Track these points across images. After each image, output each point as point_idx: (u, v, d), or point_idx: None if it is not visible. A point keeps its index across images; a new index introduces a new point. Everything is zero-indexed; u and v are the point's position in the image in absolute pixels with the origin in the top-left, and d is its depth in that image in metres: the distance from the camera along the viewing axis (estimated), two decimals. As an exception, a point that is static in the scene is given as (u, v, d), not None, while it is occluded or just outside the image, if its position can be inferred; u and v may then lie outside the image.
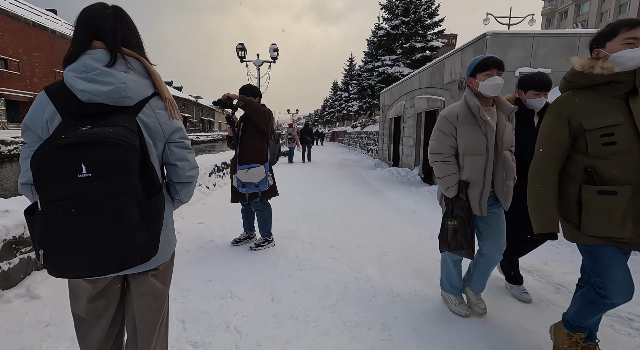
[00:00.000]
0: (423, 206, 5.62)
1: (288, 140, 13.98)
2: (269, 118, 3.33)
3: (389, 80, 19.59)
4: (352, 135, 25.75)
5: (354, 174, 10.52)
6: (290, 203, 5.80)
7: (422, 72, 9.38)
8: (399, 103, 11.83)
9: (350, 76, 42.38)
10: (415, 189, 7.45)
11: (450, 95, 7.44)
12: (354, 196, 6.61)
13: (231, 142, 3.44)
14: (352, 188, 7.63)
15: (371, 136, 18.24)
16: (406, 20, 19.03)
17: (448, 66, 7.58)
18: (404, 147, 11.14)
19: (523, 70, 6.00)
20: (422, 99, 9.29)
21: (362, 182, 8.61)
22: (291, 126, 14.82)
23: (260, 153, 3.36)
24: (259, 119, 3.25)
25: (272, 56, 12.65)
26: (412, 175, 9.68)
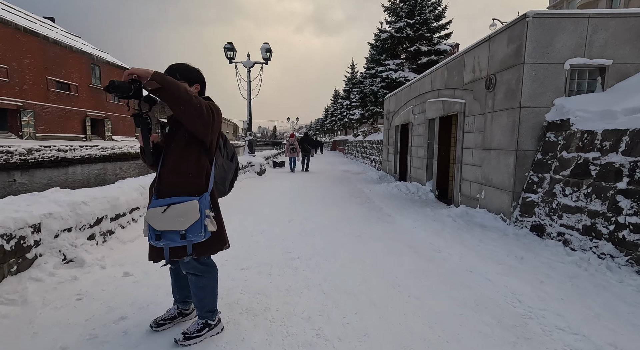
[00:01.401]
0: (448, 241, 4.15)
1: (290, 150, 13.92)
2: (212, 119, 1.91)
3: (392, 86, 18.31)
4: (353, 144, 24.39)
5: (355, 190, 9.08)
6: (269, 237, 4.35)
7: (435, 72, 8.02)
8: (406, 109, 10.47)
9: (351, 84, 41.32)
10: (431, 212, 5.98)
11: (474, 96, 6.04)
12: (355, 224, 5.15)
13: (146, 159, 2.03)
14: (353, 211, 6.17)
15: (374, 146, 16.86)
16: (411, 22, 17.85)
17: (470, 61, 6.21)
18: (413, 158, 9.72)
19: (575, 62, 4.60)
20: (436, 102, 7.91)
21: (366, 202, 7.16)
22: (292, 136, 14.58)
23: (194, 178, 1.94)
24: (192, 118, 1.82)
25: (264, 57, 11.38)
26: (424, 192, 8.23)
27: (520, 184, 4.84)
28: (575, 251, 3.67)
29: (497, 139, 5.26)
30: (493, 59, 5.39)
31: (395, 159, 11.76)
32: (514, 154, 4.83)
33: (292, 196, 7.80)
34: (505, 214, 5.01)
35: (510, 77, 4.91)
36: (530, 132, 4.78)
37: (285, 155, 14.69)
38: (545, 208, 4.34)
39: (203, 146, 1.96)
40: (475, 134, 5.99)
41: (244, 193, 7.98)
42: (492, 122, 5.40)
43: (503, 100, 5.10)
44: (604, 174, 3.61)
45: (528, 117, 4.75)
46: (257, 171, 11.37)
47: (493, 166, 5.35)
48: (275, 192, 8.34)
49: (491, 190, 5.40)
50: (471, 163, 6.16)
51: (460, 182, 6.60)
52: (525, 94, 4.71)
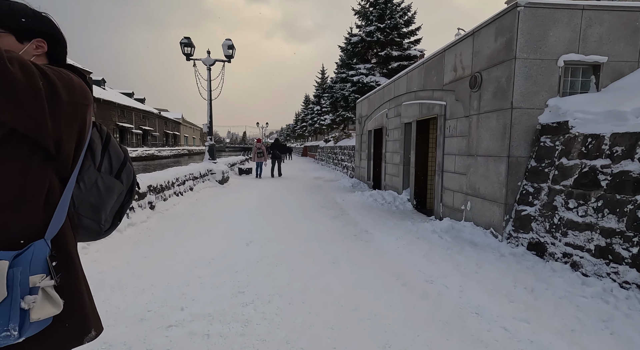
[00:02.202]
0: (441, 267, 3.45)
1: (257, 155, 13.67)
2: (49, 97, 0.94)
3: (364, 90, 17.89)
4: (324, 150, 23.74)
5: (328, 199, 8.29)
6: (218, 268, 3.41)
7: (411, 72, 7.48)
8: (379, 112, 9.91)
9: (322, 89, 40.93)
10: (413, 226, 5.31)
11: (456, 97, 5.49)
12: (329, 244, 4.33)
13: None
14: (327, 226, 5.35)
15: (346, 151, 16.27)
16: (381, 26, 17.60)
17: (451, 59, 5.67)
18: (388, 165, 9.13)
19: (570, 59, 4.13)
20: (412, 105, 7.36)
21: (340, 214, 6.38)
22: (260, 141, 14.29)
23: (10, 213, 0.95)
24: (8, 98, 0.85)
25: (226, 54, 10.38)
26: (401, 202, 7.61)
27: (513, 195, 4.28)
28: (588, 277, 3.08)
29: (485, 144, 4.70)
30: (478, 55, 4.86)
31: (368, 166, 11.16)
32: (505, 161, 4.27)
33: (256, 209, 6.85)
34: (496, 229, 4.42)
35: (500, 74, 4.37)
36: (523, 136, 4.24)
37: (252, 160, 14.27)
38: (544, 223, 3.78)
39: (38, 150, 1.00)
40: (459, 139, 5.43)
41: (199, 206, 6.91)
42: (479, 125, 4.84)
43: (491, 101, 4.55)
44: (619, 184, 3.07)
45: (521, 119, 4.22)
46: (218, 179, 10.27)
47: (481, 174, 4.78)
48: (238, 204, 7.34)
49: (479, 202, 4.82)
50: (454, 171, 5.59)
51: (441, 192, 6.01)
52: (517, 93, 4.17)
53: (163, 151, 50.56)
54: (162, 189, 6.26)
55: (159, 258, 3.64)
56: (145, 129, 51.95)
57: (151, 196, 5.69)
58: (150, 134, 54.30)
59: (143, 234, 4.58)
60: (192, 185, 8.22)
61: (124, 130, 45.30)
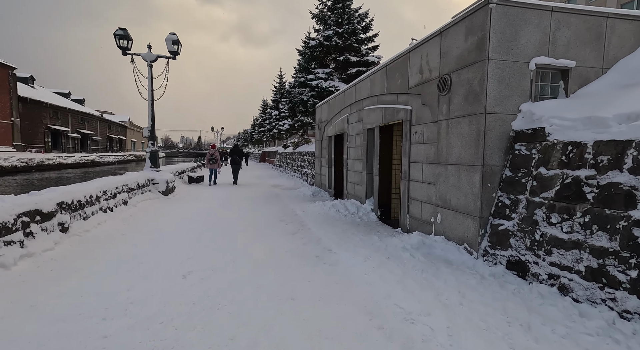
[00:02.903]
0: (420, 298, 2.91)
1: (209, 162, 13.07)
2: None
3: (323, 95, 17.51)
4: (283, 156, 22.95)
5: (286, 211, 7.57)
6: (135, 320, 2.55)
7: (373, 75, 7.09)
8: (340, 117, 9.45)
9: (280, 94, 40.17)
10: (380, 242, 4.79)
11: (422, 101, 5.13)
12: (287, 272, 3.63)
13: None
14: (285, 247, 4.65)
15: (305, 158, 15.67)
16: (340, 31, 17.40)
17: (416, 61, 5.32)
18: (350, 172, 8.66)
19: (541, 62, 3.90)
20: (375, 110, 6.96)
21: (300, 230, 5.70)
22: (214, 147, 13.72)
23: None
24: None
25: (170, 50, 9.27)
26: (365, 212, 7.13)
27: (488, 207, 3.93)
28: (580, 303, 2.74)
29: (456, 151, 4.34)
30: (447, 56, 4.51)
31: (329, 173, 10.64)
32: (479, 170, 3.91)
33: (202, 226, 5.92)
34: (471, 245, 4.04)
35: (471, 76, 4.04)
36: (497, 143, 3.93)
37: (206, 166, 13.69)
38: (524, 240, 3.43)
39: None
40: (426, 146, 5.06)
41: (131, 225, 5.81)
42: (449, 131, 4.48)
43: (463, 105, 4.20)
44: (607, 198, 2.78)
45: (494, 125, 3.89)
46: (162, 190, 9.06)
47: (452, 185, 4.40)
48: (181, 220, 6.34)
49: (450, 214, 4.43)
50: (422, 180, 5.20)
51: (408, 202, 5.61)
52: (490, 97, 3.84)
53: (106, 157, 46.10)
54: (82, 206, 5.11)
55: (53, 307, 2.68)
56: (85, 132, 47.06)
57: (64, 215, 4.55)
58: (91, 138, 49.34)
59: (43, 268, 3.51)
60: (126, 198, 7.02)
61: (57, 134, 40.54)
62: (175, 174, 12.72)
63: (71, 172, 29.77)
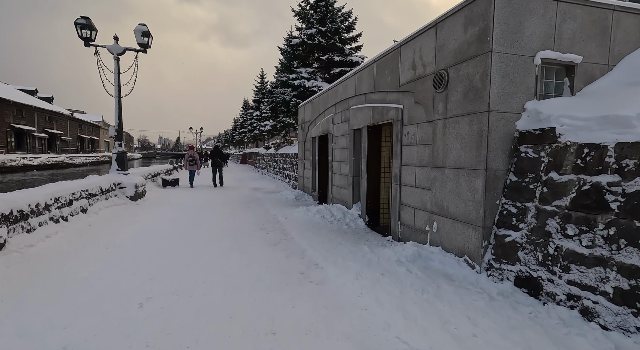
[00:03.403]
0: (423, 325, 2.47)
1: (189, 163, 12.78)
2: None
3: (306, 95, 17.02)
4: (265, 157, 22.27)
5: (267, 217, 7.01)
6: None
7: (360, 72, 6.66)
8: (325, 117, 8.98)
9: (261, 94, 39.37)
10: (372, 253, 4.34)
11: (416, 99, 4.73)
12: (265, 295, 3.11)
13: None
14: (265, 262, 4.11)
15: (288, 160, 15.11)
16: (323, 29, 16.98)
17: (408, 56, 4.92)
18: (336, 175, 8.20)
19: (547, 56, 3.56)
20: (363, 109, 6.53)
21: (282, 239, 5.17)
22: (192, 148, 13.43)
23: None
24: None
25: (140, 42, 8.51)
26: (352, 218, 6.68)
27: (492, 215, 3.55)
28: (610, 331, 2.36)
29: (454, 154, 3.94)
30: (443, 49, 4.12)
31: (313, 176, 10.14)
32: (482, 174, 3.53)
33: (171, 235, 5.28)
34: (472, 257, 3.65)
35: (472, 71, 3.65)
36: (501, 145, 3.55)
37: (185, 168, 13.34)
38: (535, 253, 3.06)
39: None
40: (420, 148, 4.66)
41: (88, 236, 5.10)
42: (446, 131, 4.09)
43: (462, 103, 3.81)
44: (636, 208, 2.42)
45: (498, 124, 3.52)
46: (130, 195, 8.28)
47: (450, 190, 4.01)
48: (148, 229, 5.66)
49: (448, 223, 4.04)
50: (415, 184, 4.79)
51: (399, 208, 5.19)
52: (494, 94, 3.47)
53: (77, 158, 43.69)
54: (25, 216, 4.37)
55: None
56: (53, 132, 44.39)
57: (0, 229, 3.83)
58: (60, 138, 46.63)
59: None
60: (85, 205, 6.26)
61: (22, 133, 37.97)
62: (148, 176, 11.86)
63: (37, 174, 27.80)
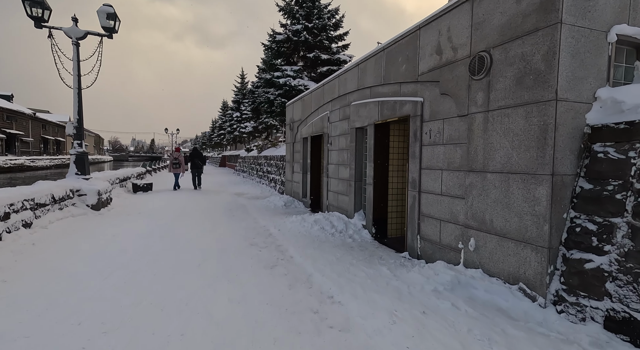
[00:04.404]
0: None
1: (173, 166, 12.51)
2: None
3: (291, 95, 16.09)
4: (247, 160, 21.09)
5: (257, 229, 6.03)
6: None
7: (363, 63, 5.84)
8: (318, 116, 8.10)
9: (242, 94, 38.01)
10: (396, 279, 3.48)
11: (442, 90, 3.94)
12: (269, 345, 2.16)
13: None
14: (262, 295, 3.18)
15: (273, 162, 14.09)
16: (309, 26, 16.15)
17: (430, 39, 4.14)
18: (332, 180, 7.32)
19: (623, 32, 2.85)
20: (367, 105, 5.70)
21: (279, 259, 4.22)
22: (178, 150, 13.03)
23: None
24: None
25: (104, 26, 7.30)
26: (355, 230, 5.82)
27: (559, 232, 2.78)
28: None
29: (502, 155, 3.16)
30: (483, 26, 3.35)
31: (304, 180, 9.21)
32: (547, 181, 2.76)
33: (139, 258, 4.20)
34: (532, 285, 2.87)
35: (530, 49, 2.89)
36: (569, 143, 2.80)
37: (169, 170, 13.03)
38: (637, 286, 2.30)
39: None
40: (448, 148, 3.87)
41: (26, 259, 3.92)
42: (488, 127, 3.31)
43: (514, 91, 3.04)
44: None
45: (566, 117, 2.77)
46: (91, 203, 7.03)
47: (495, 200, 3.22)
48: (108, 249, 4.54)
49: (493, 241, 3.25)
50: (440, 192, 3.99)
51: (418, 220, 4.38)
52: (563, 78, 2.71)
53: (39, 160, 40.45)
54: None
55: None
56: (12, 132, 40.90)
57: None
58: (20, 139, 43.08)
59: None
60: (30, 218, 5.04)
61: None
62: (115, 181, 10.51)
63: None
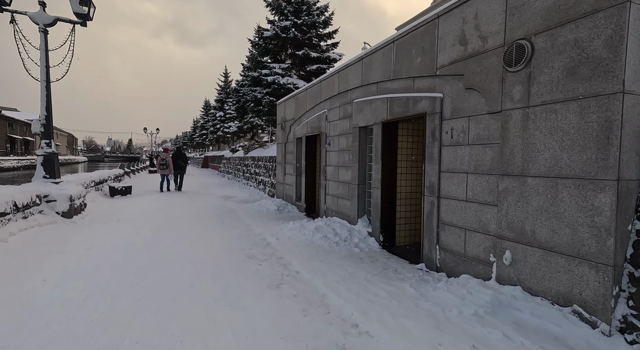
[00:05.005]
0: None
1: (160, 167, 12.26)
2: None
3: (280, 93, 15.50)
4: (232, 161, 20.29)
5: (251, 237, 5.46)
6: None
7: (368, 57, 5.39)
8: (314, 114, 7.60)
9: (225, 93, 36.96)
10: (422, 298, 3.02)
11: (466, 84, 3.53)
12: None
13: None
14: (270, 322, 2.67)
15: (261, 164, 13.46)
16: (299, 22, 15.61)
17: (453, 27, 3.72)
18: (331, 183, 6.83)
19: (687, 18, 2.49)
20: (374, 102, 5.25)
21: (283, 275, 3.69)
22: (166, 151, 12.71)
23: None
24: None
25: (76, 11, 6.52)
26: (361, 237, 5.35)
27: (623, 248, 2.40)
28: None
29: (547, 157, 2.77)
30: (522, 10, 2.95)
31: (298, 183, 8.68)
32: (611, 187, 2.37)
33: (117, 279, 3.55)
34: (592, 309, 2.47)
35: (587, 34, 2.50)
36: (635, 143, 2.43)
37: (157, 172, 13.23)
38: None
39: None
40: (475, 148, 3.46)
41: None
42: (529, 125, 2.91)
43: (564, 83, 2.65)
44: None
45: (632, 113, 2.39)
46: (61, 211, 6.25)
47: (539, 208, 2.82)
48: (80, 268, 3.87)
49: (536, 255, 2.84)
50: (465, 198, 3.58)
51: (437, 228, 3.96)
52: (630, 67, 2.34)
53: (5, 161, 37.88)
54: None
55: None
56: (-26, 131, 38.13)
57: None
58: (-18, 138, 40.22)
59: None
60: (-16, 230, 4.27)
61: None
62: (90, 184, 9.62)
63: (-51, 181, 23.16)
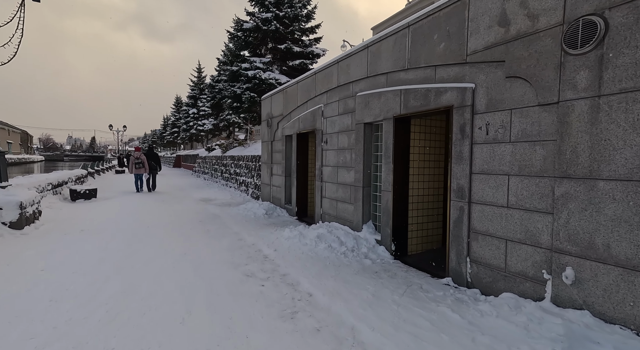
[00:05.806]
0: None
1: (135, 166, 11.83)
2: None
3: (262, 89, 14.66)
4: (208, 160, 19.12)
5: (245, 249, 4.73)
6: None
7: (375, 45, 4.81)
8: (308, 109, 6.94)
9: (199, 89, 35.28)
10: (478, 331, 2.49)
11: (509, 72, 3.04)
12: None
13: None
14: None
15: (242, 163, 12.58)
16: (280, 14, 14.82)
17: (488, 6, 3.22)
18: (328, 185, 6.21)
19: None
20: (382, 95, 4.68)
21: (294, 299, 3.04)
22: (138, 150, 12.31)
23: None
24: None
25: (27, -19, 5.46)
26: (369, 246, 4.78)
27: None
28: None
29: (629, 155, 2.31)
30: (595, -19, 2.48)
31: (287, 184, 7.98)
32: None
33: (83, 312, 2.74)
34: (689, 340, 2.03)
35: (689, 7, 2.05)
36: None
37: (130, 172, 12.43)
38: None
39: None
40: (520, 147, 2.97)
41: None
42: (601, 118, 2.44)
43: (654, 67, 2.19)
44: None
45: None
46: (10, 220, 5.18)
47: (614, 217, 2.36)
48: (34, 295, 3.00)
49: (613, 274, 2.38)
50: (506, 204, 3.09)
51: (468, 238, 3.46)
52: None
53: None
54: None
55: None
56: None
57: None
58: None
59: None
60: None
61: None
62: (47, 187, 8.37)
63: None
